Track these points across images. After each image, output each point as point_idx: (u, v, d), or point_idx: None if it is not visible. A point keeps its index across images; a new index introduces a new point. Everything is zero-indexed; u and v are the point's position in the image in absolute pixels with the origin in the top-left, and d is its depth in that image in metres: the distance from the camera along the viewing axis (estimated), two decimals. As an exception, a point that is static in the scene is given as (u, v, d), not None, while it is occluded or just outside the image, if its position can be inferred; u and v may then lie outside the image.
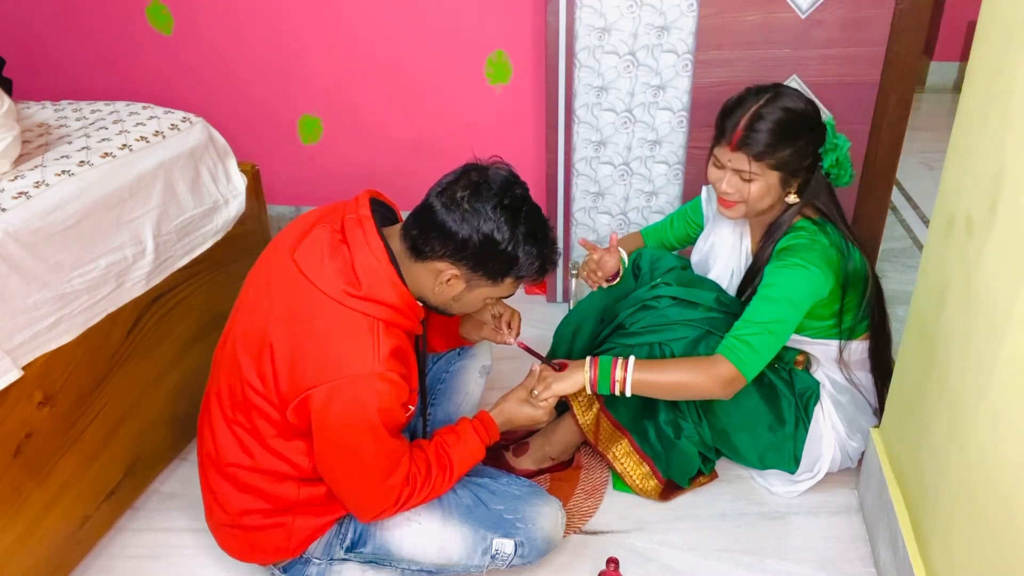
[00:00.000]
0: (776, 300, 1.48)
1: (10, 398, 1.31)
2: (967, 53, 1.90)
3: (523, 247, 1.24)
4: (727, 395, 1.48)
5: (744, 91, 1.52)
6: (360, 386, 1.21)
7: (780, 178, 1.50)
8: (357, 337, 1.22)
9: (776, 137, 1.46)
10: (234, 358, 1.32)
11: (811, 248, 1.50)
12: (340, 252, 1.25)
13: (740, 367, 1.45)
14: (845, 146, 1.51)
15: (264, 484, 1.35)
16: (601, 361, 1.49)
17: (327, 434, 1.25)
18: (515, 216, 1.22)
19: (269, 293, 1.30)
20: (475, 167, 1.26)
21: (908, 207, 3.02)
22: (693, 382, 1.47)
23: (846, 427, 1.64)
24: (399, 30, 2.37)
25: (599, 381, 1.48)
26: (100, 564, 1.57)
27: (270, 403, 1.28)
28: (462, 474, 1.41)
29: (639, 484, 1.67)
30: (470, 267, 1.25)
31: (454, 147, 2.52)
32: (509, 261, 1.24)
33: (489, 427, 1.45)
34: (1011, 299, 1.02)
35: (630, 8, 1.98)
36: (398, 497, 1.33)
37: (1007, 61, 1.07)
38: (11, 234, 1.30)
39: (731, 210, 1.56)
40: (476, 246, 1.22)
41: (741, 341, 1.47)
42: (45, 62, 2.62)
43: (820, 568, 1.53)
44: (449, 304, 1.33)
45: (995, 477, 1.06)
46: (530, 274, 1.28)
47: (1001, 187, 1.07)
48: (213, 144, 1.84)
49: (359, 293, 1.23)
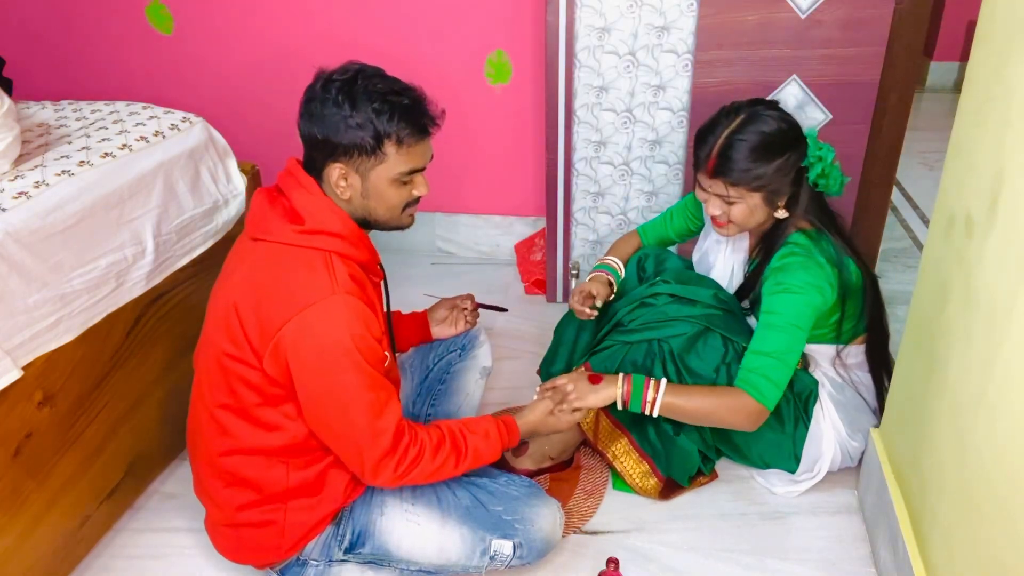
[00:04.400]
0: (781, 328, 1.48)
1: (10, 398, 1.31)
2: (967, 53, 1.90)
3: (370, 107, 1.24)
4: (752, 428, 1.50)
5: (717, 113, 1.52)
6: (325, 311, 1.23)
7: (763, 197, 1.50)
8: (312, 270, 1.26)
9: (751, 161, 1.46)
10: (208, 342, 1.35)
11: (806, 268, 1.50)
12: (278, 200, 1.32)
13: (763, 401, 1.47)
14: (830, 156, 1.50)
15: (252, 471, 1.35)
16: (635, 380, 1.50)
17: (306, 373, 1.25)
18: (349, 87, 1.24)
19: (229, 273, 1.36)
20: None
21: (908, 207, 3.02)
22: (718, 413, 1.50)
23: (846, 426, 1.64)
24: (399, 30, 2.37)
25: (632, 399, 1.49)
26: (100, 564, 1.57)
27: (247, 364, 1.28)
28: (474, 466, 1.38)
29: (639, 483, 1.67)
30: (345, 154, 1.27)
31: (454, 147, 2.52)
32: (368, 126, 1.24)
33: (512, 432, 1.44)
34: (1011, 299, 1.02)
35: (630, 8, 1.98)
36: (395, 448, 1.27)
37: (1007, 61, 1.07)
38: (11, 234, 1.30)
39: (724, 229, 1.58)
40: (335, 131, 1.25)
41: (758, 375, 1.48)
42: (45, 62, 2.62)
43: (820, 568, 1.53)
44: (370, 208, 1.32)
45: (995, 477, 1.06)
46: (399, 128, 1.26)
47: (1001, 187, 1.07)
48: (213, 144, 1.84)
49: (304, 228, 1.27)
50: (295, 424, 1.32)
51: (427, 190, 1.36)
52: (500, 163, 2.55)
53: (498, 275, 2.60)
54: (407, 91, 1.29)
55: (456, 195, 2.64)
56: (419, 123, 1.28)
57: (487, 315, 1.78)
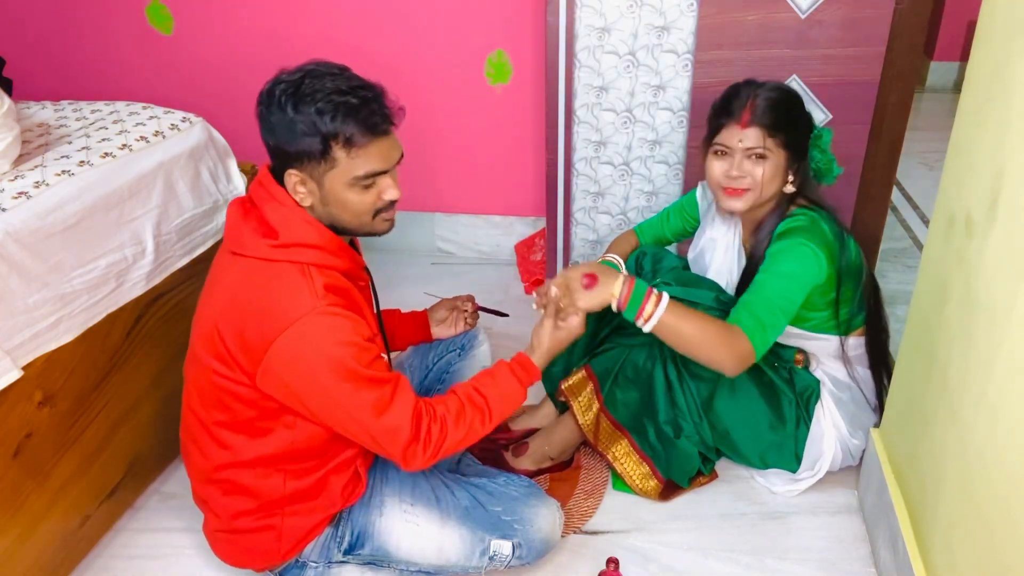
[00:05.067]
0: (780, 275, 1.46)
1: (10, 398, 1.31)
2: (967, 53, 1.90)
3: (313, 108, 1.17)
4: (735, 372, 1.43)
5: (738, 82, 1.55)
6: (308, 327, 1.19)
7: (787, 159, 1.51)
8: (290, 284, 1.21)
9: (786, 111, 1.50)
10: (196, 359, 1.33)
11: (811, 230, 1.49)
12: (251, 213, 1.28)
13: (755, 345, 1.42)
14: (828, 135, 1.53)
15: (249, 481, 1.34)
16: (637, 284, 1.40)
17: (303, 390, 1.23)
18: (295, 89, 1.18)
19: (211, 289, 1.33)
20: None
21: (908, 207, 3.02)
22: (709, 346, 1.41)
23: (848, 424, 1.64)
24: (399, 30, 2.37)
25: (629, 305, 1.40)
26: (100, 564, 1.57)
27: (238, 383, 1.27)
28: (504, 415, 1.34)
29: (639, 484, 1.67)
30: (297, 160, 1.21)
31: (454, 147, 2.52)
32: (313, 130, 1.17)
33: (527, 367, 1.37)
34: (1011, 299, 1.02)
35: (630, 8, 1.98)
36: (417, 435, 1.25)
37: (1007, 61, 1.07)
38: (11, 234, 1.30)
39: (740, 199, 1.52)
40: (283, 138, 1.20)
41: (753, 319, 1.43)
42: (45, 62, 2.62)
43: (820, 568, 1.53)
44: (333, 215, 1.26)
45: (995, 477, 1.06)
46: (344, 129, 1.18)
47: (1001, 187, 1.07)
48: (213, 144, 1.84)
49: (279, 242, 1.23)
50: (293, 431, 1.31)
51: (398, 193, 1.27)
52: (500, 163, 2.55)
53: (498, 275, 2.60)
54: (357, 89, 1.20)
55: (456, 195, 2.64)
56: (368, 122, 1.19)
57: (487, 316, 1.78)
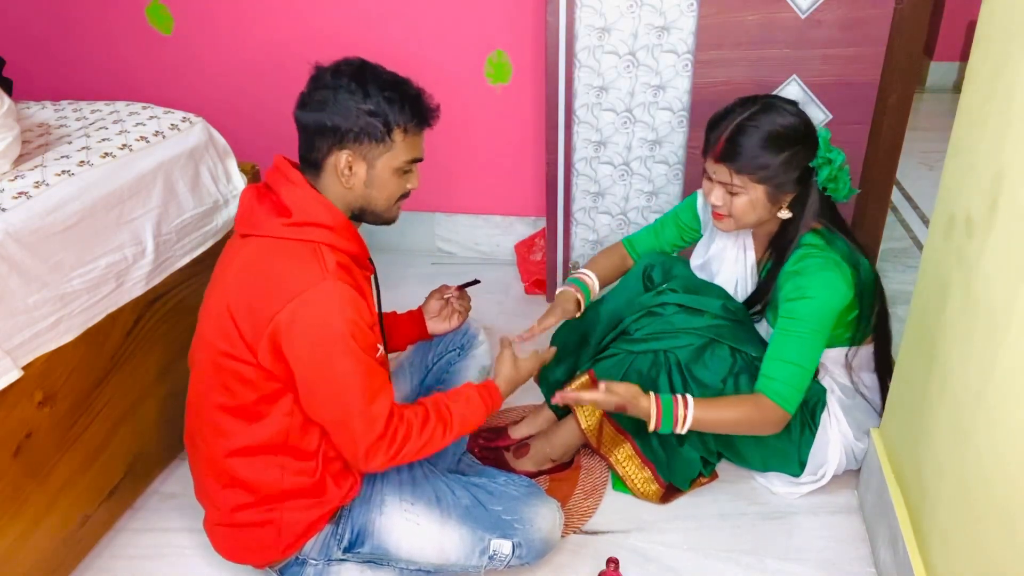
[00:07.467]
0: (802, 335, 1.47)
1: (10, 398, 1.31)
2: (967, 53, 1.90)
3: (382, 95, 1.28)
4: (775, 432, 1.53)
5: (733, 102, 1.51)
6: (316, 297, 1.23)
7: (766, 192, 1.48)
8: (302, 260, 1.27)
9: (759, 150, 1.44)
10: (202, 343, 1.35)
11: (824, 268, 1.48)
12: (267, 196, 1.34)
13: (786, 407, 1.48)
14: (839, 159, 1.49)
15: (248, 473, 1.35)
16: (663, 400, 1.48)
17: (301, 360, 1.25)
18: (360, 76, 1.28)
19: (221, 274, 1.36)
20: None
21: (908, 207, 3.02)
22: (745, 424, 1.51)
23: (854, 431, 1.63)
24: (399, 30, 2.37)
25: (663, 421, 1.48)
26: (100, 564, 1.57)
27: (242, 361, 1.28)
28: (462, 433, 1.39)
29: (640, 488, 1.67)
30: (355, 141, 1.29)
31: (454, 147, 2.52)
32: (379, 114, 1.28)
33: (493, 393, 1.44)
34: (1011, 299, 1.02)
35: (630, 8, 1.98)
36: (386, 432, 1.28)
37: (1007, 61, 1.07)
38: (11, 234, 1.30)
39: (721, 223, 1.56)
40: (345, 118, 1.27)
41: (780, 382, 1.48)
42: (45, 62, 2.62)
43: (820, 568, 1.53)
44: (371, 197, 1.35)
45: (994, 477, 1.06)
46: (406, 117, 1.30)
47: (1001, 187, 1.07)
48: (213, 144, 1.84)
49: (293, 220, 1.28)
50: (290, 419, 1.32)
51: (419, 183, 1.40)
52: (500, 163, 2.55)
53: (498, 275, 2.60)
54: (411, 83, 1.34)
55: (456, 195, 2.64)
56: (424, 114, 1.34)
57: (486, 315, 1.78)
